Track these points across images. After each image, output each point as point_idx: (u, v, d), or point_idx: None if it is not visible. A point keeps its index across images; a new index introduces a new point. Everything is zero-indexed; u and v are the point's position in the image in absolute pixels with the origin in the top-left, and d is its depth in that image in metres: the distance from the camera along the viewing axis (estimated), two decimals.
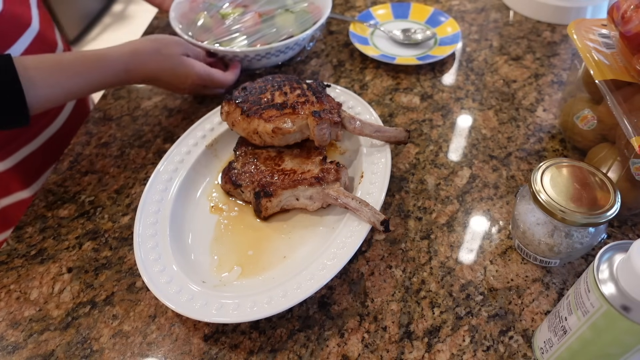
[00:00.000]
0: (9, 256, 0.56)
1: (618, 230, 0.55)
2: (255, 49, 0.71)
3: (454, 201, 0.59)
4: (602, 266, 0.35)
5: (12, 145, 0.69)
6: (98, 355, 0.47)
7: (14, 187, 0.71)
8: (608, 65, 0.52)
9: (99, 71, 0.58)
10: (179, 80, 0.66)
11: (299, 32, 0.75)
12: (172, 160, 0.59)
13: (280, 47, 0.73)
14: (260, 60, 0.74)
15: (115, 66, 0.59)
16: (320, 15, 0.77)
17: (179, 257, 0.51)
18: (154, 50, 0.63)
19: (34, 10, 0.70)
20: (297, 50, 0.80)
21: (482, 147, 0.65)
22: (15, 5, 0.66)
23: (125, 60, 0.60)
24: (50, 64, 0.55)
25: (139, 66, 0.61)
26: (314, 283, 0.46)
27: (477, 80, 0.76)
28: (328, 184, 0.54)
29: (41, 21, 0.71)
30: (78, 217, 0.59)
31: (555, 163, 0.48)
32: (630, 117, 0.46)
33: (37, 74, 0.53)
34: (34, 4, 0.71)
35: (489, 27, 0.88)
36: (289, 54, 0.78)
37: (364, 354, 0.46)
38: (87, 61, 0.57)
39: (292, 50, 0.77)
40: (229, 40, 0.73)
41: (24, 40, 0.66)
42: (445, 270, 0.52)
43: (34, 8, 0.71)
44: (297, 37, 0.73)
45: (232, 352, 0.46)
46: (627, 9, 0.49)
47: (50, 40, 0.74)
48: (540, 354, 0.44)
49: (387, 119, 0.71)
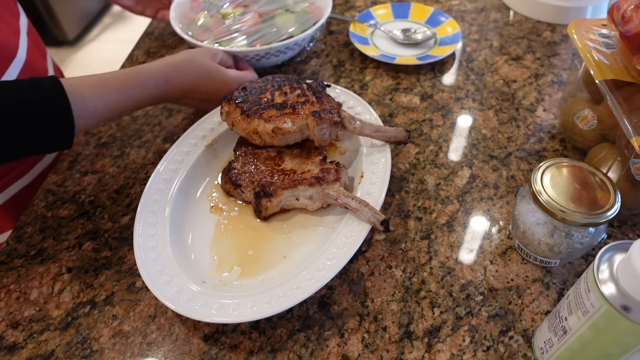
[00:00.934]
0: (9, 256, 0.56)
1: (618, 230, 0.55)
2: (255, 49, 0.71)
3: (454, 201, 0.59)
4: (602, 266, 0.35)
5: (3, 180, 0.66)
6: (98, 355, 0.47)
7: (4, 227, 0.68)
8: (608, 65, 0.52)
9: (140, 85, 0.57)
10: (216, 87, 0.64)
11: (299, 32, 0.75)
12: (172, 160, 0.59)
13: (280, 47, 0.73)
14: (260, 60, 0.74)
15: (156, 78, 0.58)
16: (320, 16, 0.77)
17: (179, 257, 0.51)
18: (187, 59, 0.62)
19: (22, 38, 0.68)
20: (297, 51, 0.79)
21: (482, 147, 0.65)
22: (1, 35, 0.64)
23: (164, 71, 0.59)
24: (94, 82, 0.53)
25: (177, 77, 0.60)
26: (314, 283, 0.46)
27: (477, 80, 0.76)
28: (328, 184, 0.54)
29: (29, 50, 0.69)
30: (78, 217, 0.59)
31: (556, 163, 0.48)
32: (630, 117, 0.46)
33: (84, 90, 0.51)
34: (23, 32, 0.69)
35: (489, 27, 0.88)
36: (288, 54, 0.78)
37: (364, 354, 0.46)
38: (127, 77, 0.56)
39: (291, 51, 0.77)
40: (229, 40, 0.73)
41: (12, 71, 0.64)
42: (445, 270, 0.52)
43: (23, 36, 0.68)
44: (297, 38, 0.73)
45: (232, 352, 0.46)
46: (627, 9, 0.49)
47: (40, 69, 0.72)
48: (540, 354, 0.44)
49: (387, 119, 0.71)
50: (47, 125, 0.49)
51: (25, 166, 0.70)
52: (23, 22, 0.70)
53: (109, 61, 2.36)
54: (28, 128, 0.47)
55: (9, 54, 0.64)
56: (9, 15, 0.67)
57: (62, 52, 2.40)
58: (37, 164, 0.71)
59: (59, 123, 0.49)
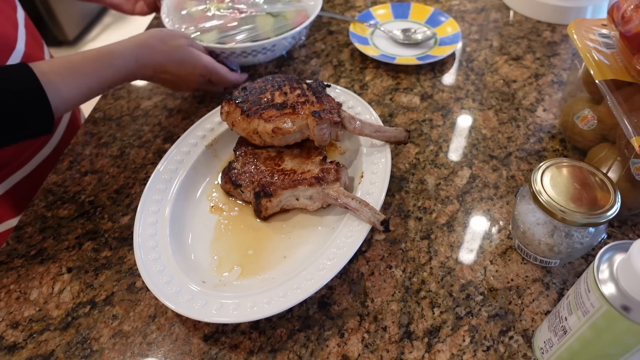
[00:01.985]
0: (9, 256, 0.56)
1: (618, 230, 0.55)
2: (218, 46, 0.70)
3: (454, 201, 0.59)
4: (602, 266, 0.35)
5: (4, 170, 0.67)
6: (98, 355, 0.47)
7: (4, 215, 0.69)
8: (608, 65, 0.52)
9: (111, 66, 0.57)
10: (186, 71, 0.65)
11: (274, 36, 0.73)
12: (172, 160, 0.59)
13: (246, 48, 0.71)
14: (228, 58, 0.74)
15: (126, 59, 0.59)
16: (298, 25, 0.75)
17: (179, 257, 0.51)
18: (160, 40, 0.62)
19: (20, 30, 0.68)
20: (269, 56, 0.77)
21: (482, 147, 0.65)
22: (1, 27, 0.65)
23: (135, 51, 0.59)
24: (63, 65, 0.54)
25: (147, 56, 0.61)
26: (314, 283, 0.46)
27: (477, 80, 0.76)
28: (328, 184, 0.54)
29: (28, 42, 0.69)
30: (78, 217, 0.59)
31: (556, 163, 0.48)
32: (630, 117, 0.46)
33: (56, 78, 0.52)
34: (21, 24, 0.69)
35: (489, 27, 0.88)
36: (258, 58, 0.75)
37: (364, 354, 0.46)
38: (98, 58, 0.57)
39: (262, 55, 0.75)
40: (202, 34, 0.73)
41: (11, 63, 0.64)
42: (445, 270, 0.52)
43: (21, 28, 0.69)
44: (262, 42, 0.71)
45: (232, 352, 0.46)
46: (627, 8, 0.49)
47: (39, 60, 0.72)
48: (540, 354, 0.44)
49: (387, 119, 0.71)
50: (26, 114, 0.50)
51: (26, 157, 0.70)
52: (20, 14, 0.71)
53: None
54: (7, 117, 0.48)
55: (8, 46, 0.65)
56: (8, 7, 0.68)
57: (62, 52, 2.40)
58: (37, 155, 0.72)
59: (36, 111, 0.50)
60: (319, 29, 0.89)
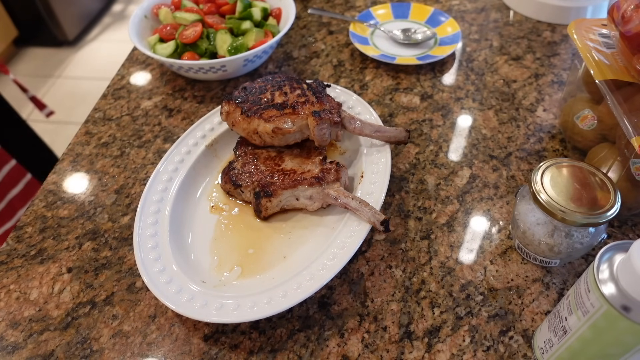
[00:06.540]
0: (9, 256, 0.56)
1: (618, 230, 0.55)
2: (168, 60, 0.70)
3: (454, 201, 0.59)
4: (602, 266, 0.35)
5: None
6: (98, 355, 0.47)
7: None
8: (608, 65, 0.52)
9: None
10: None
11: (228, 56, 0.72)
12: (172, 160, 0.59)
13: (192, 65, 0.70)
14: (179, 70, 0.74)
15: None
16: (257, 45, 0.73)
17: (179, 257, 0.51)
18: None
19: None
20: (220, 75, 0.74)
21: (482, 147, 0.65)
22: None
23: None
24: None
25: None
26: (314, 283, 0.46)
27: (477, 80, 0.76)
28: (328, 184, 0.54)
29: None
30: (78, 217, 0.59)
31: (556, 163, 0.48)
32: (630, 117, 0.46)
33: None
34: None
35: (489, 27, 0.88)
36: (209, 75, 0.74)
37: (364, 354, 0.46)
38: None
39: (212, 73, 0.73)
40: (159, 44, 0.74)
41: None
42: (445, 270, 0.52)
43: None
44: (210, 61, 0.69)
45: (232, 352, 0.46)
46: (627, 9, 0.49)
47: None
48: (540, 354, 0.44)
49: (387, 119, 0.71)
50: None
51: None
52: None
53: (109, 61, 2.37)
54: None
55: None
56: None
57: (62, 52, 2.40)
58: None
59: None
60: (319, 29, 0.89)
